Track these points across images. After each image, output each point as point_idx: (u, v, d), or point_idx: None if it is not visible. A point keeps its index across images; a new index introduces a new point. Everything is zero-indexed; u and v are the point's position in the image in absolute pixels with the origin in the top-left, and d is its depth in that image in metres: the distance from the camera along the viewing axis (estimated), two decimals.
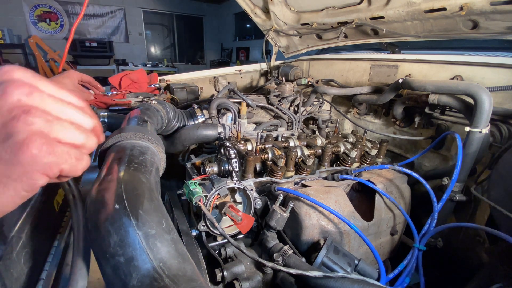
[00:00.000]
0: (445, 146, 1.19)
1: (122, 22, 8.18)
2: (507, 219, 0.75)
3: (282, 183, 0.88)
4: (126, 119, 0.94)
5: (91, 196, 0.43)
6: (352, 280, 0.55)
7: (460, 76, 1.16)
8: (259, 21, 2.05)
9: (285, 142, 1.10)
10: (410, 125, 1.37)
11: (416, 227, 0.83)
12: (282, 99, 1.62)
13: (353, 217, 0.84)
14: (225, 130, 1.19)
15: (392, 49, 1.66)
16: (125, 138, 0.65)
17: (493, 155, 0.94)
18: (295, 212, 0.79)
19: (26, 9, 6.79)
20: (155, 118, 1.05)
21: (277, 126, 1.47)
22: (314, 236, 0.78)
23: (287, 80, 1.91)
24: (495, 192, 0.85)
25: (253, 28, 8.15)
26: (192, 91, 1.75)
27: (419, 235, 0.83)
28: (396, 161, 1.08)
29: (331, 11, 1.62)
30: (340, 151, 1.07)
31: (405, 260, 0.78)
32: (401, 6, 1.28)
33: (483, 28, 1.14)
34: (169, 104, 1.24)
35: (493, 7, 1.02)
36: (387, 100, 1.32)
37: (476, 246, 1.00)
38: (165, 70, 7.76)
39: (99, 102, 1.52)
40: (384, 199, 0.91)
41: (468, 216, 1.06)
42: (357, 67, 1.63)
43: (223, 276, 0.70)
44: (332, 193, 0.85)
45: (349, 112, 1.71)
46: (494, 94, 0.97)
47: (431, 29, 1.30)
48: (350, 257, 0.70)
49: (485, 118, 0.89)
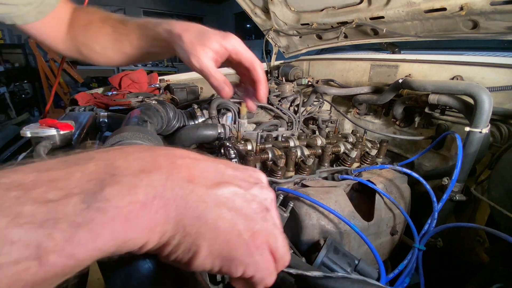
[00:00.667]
0: (445, 146, 1.19)
1: None
2: (507, 219, 0.75)
3: (282, 183, 0.88)
4: (126, 119, 0.94)
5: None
6: (352, 280, 0.55)
7: (460, 76, 1.16)
8: (259, 21, 2.05)
9: (285, 142, 1.10)
10: (410, 125, 1.37)
11: (416, 227, 0.83)
12: (282, 99, 1.62)
13: (353, 217, 0.84)
14: (225, 130, 1.19)
15: (392, 49, 1.65)
16: (125, 138, 0.65)
17: (493, 155, 0.94)
18: (295, 212, 0.79)
19: None
20: (155, 118, 1.05)
21: (277, 126, 1.47)
22: (314, 236, 0.78)
23: (287, 80, 1.91)
24: (495, 192, 0.85)
25: (253, 28, 8.14)
26: (192, 91, 1.75)
27: (419, 235, 0.83)
28: (396, 161, 1.07)
29: (331, 11, 1.62)
30: (340, 151, 1.07)
31: (405, 260, 0.78)
32: (401, 6, 1.28)
33: (483, 28, 1.14)
34: (169, 104, 1.24)
35: (493, 7, 1.02)
36: (387, 100, 1.32)
37: (476, 246, 1.00)
38: (165, 70, 7.75)
39: (99, 102, 1.52)
40: (384, 199, 0.91)
41: (468, 216, 1.06)
42: (357, 67, 1.63)
43: (223, 276, 0.70)
44: (332, 193, 0.85)
45: (349, 112, 1.71)
46: (494, 94, 0.97)
47: (431, 29, 1.30)
48: (350, 257, 0.70)
49: (485, 118, 0.89)
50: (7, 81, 5.40)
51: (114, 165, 0.23)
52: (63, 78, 5.97)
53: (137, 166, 0.24)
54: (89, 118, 1.10)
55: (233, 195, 0.28)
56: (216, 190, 0.27)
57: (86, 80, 6.56)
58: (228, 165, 0.32)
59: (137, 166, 0.24)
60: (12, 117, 5.12)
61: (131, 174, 0.23)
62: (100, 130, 1.22)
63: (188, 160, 0.28)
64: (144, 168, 0.24)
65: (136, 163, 0.24)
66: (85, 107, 1.38)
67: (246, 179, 0.31)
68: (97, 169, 0.23)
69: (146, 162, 0.25)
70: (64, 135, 0.75)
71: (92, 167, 0.23)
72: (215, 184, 0.27)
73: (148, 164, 0.25)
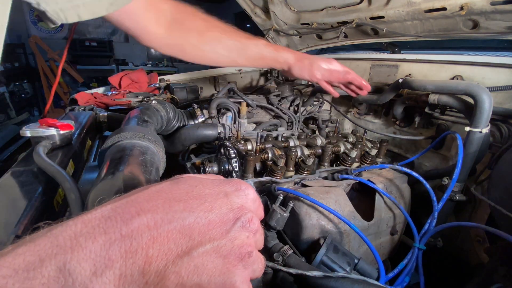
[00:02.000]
0: (445, 146, 1.19)
1: None
2: (507, 219, 0.75)
3: (282, 183, 0.88)
4: (126, 119, 0.94)
5: (91, 196, 0.43)
6: (352, 280, 0.55)
7: (460, 76, 1.16)
8: (259, 21, 2.05)
9: (285, 142, 1.10)
10: (410, 125, 1.37)
11: (416, 227, 0.83)
12: (282, 99, 1.62)
13: (353, 217, 0.84)
14: (225, 130, 1.19)
15: (392, 49, 1.65)
16: (125, 138, 0.65)
17: (493, 155, 0.94)
18: (295, 212, 0.79)
19: (26, 9, 6.77)
20: (155, 118, 1.05)
21: (277, 126, 1.47)
22: (314, 236, 0.78)
23: (287, 80, 1.91)
24: (495, 192, 0.85)
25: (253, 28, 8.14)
26: (192, 90, 1.75)
27: (419, 234, 0.83)
28: (396, 161, 1.07)
29: (331, 11, 1.62)
30: (340, 151, 1.07)
31: (405, 260, 0.78)
32: (401, 6, 1.28)
33: (483, 28, 1.14)
34: (169, 104, 1.24)
35: (493, 7, 1.02)
36: (387, 100, 1.32)
37: (476, 246, 1.00)
38: (165, 69, 7.75)
39: (99, 102, 1.52)
40: (384, 199, 0.91)
41: (468, 216, 1.06)
42: (357, 67, 1.63)
43: None
44: (332, 193, 0.85)
45: (349, 112, 1.71)
46: (494, 94, 0.97)
47: (431, 29, 1.30)
48: (350, 256, 0.70)
49: (485, 118, 0.89)
50: (7, 80, 5.40)
51: (66, 273, 0.21)
52: (63, 78, 5.98)
53: (88, 268, 0.22)
54: (89, 118, 1.10)
55: (204, 258, 0.25)
56: (180, 264, 0.24)
57: (86, 80, 6.56)
58: (202, 204, 0.28)
59: (89, 268, 0.22)
60: (12, 117, 5.12)
61: (83, 283, 0.21)
62: (100, 130, 1.22)
63: (145, 233, 0.24)
64: (96, 269, 0.22)
65: (88, 264, 0.22)
66: (85, 107, 1.38)
67: (223, 219, 0.28)
68: (47, 282, 0.21)
69: (98, 259, 0.22)
70: (64, 135, 0.75)
71: (42, 279, 0.21)
72: (178, 256, 0.24)
73: (100, 261, 0.22)
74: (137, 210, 0.26)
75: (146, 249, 0.24)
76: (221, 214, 0.28)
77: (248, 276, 0.28)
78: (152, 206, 0.26)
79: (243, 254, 0.27)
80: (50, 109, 1.30)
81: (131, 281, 0.23)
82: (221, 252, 0.26)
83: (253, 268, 0.28)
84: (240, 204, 0.30)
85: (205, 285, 0.24)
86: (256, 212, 0.33)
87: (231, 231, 0.27)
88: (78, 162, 0.82)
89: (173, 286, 0.24)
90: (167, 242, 0.25)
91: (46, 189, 0.59)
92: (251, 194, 0.33)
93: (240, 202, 0.30)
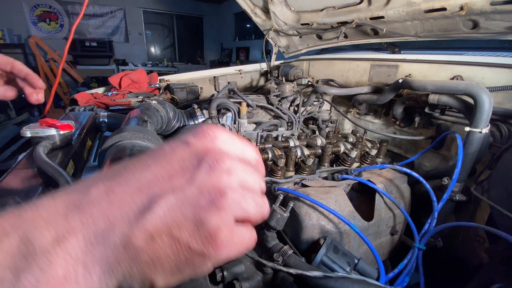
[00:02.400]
0: (445, 146, 1.19)
1: (122, 22, 8.17)
2: (507, 219, 0.75)
3: (282, 183, 0.88)
4: (126, 119, 0.94)
5: None
6: (352, 280, 0.55)
7: (460, 76, 1.16)
8: (259, 21, 2.05)
9: (285, 142, 1.10)
10: (410, 125, 1.37)
11: (416, 227, 0.83)
12: (282, 99, 1.62)
13: (353, 217, 0.84)
14: None
15: (392, 49, 1.66)
16: (125, 138, 0.65)
17: (493, 155, 0.94)
18: (295, 212, 0.79)
19: (26, 9, 6.79)
20: (155, 118, 1.05)
21: (277, 126, 1.47)
22: (314, 236, 0.78)
23: (287, 80, 1.91)
24: (495, 192, 0.85)
25: (253, 28, 8.14)
26: (192, 91, 1.75)
27: (419, 234, 0.83)
28: (396, 161, 1.08)
29: (331, 11, 1.62)
30: (340, 151, 1.07)
31: (405, 260, 0.78)
32: (401, 6, 1.28)
33: (483, 28, 1.14)
34: (169, 104, 1.24)
35: (493, 7, 1.02)
36: (387, 100, 1.32)
37: (476, 246, 1.00)
38: (165, 70, 7.75)
39: (99, 102, 1.52)
40: (384, 199, 0.91)
41: (468, 216, 1.06)
42: (357, 67, 1.63)
43: (223, 276, 0.70)
44: (332, 193, 0.85)
45: (349, 112, 1.71)
46: (494, 94, 0.97)
47: (431, 29, 1.30)
48: (350, 257, 0.70)
49: (485, 118, 0.89)
50: None
51: (28, 241, 0.22)
52: (63, 78, 5.99)
53: (49, 237, 0.22)
54: (89, 118, 1.10)
55: (167, 212, 0.24)
56: (143, 221, 0.24)
57: (86, 80, 6.56)
58: (161, 158, 0.27)
59: (50, 237, 0.22)
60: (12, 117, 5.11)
61: (45, 250, 0.22)
62: (100, 130, 1.22)
63: (103, 198, 0.25)
64: (58, 236, 0.22)
65: (49, 233, 0.22)
66: (85, 107, 1.38)
67: (184, 165, 0.27)
68: (11, 251, 0.21)
69: (59, 227, 0.23)
70: (64, 135, 0.75)
71: (6, 248, 0.21)
72: (140, 213, 0.24)
73: (61, 228, 0.23)
74: (96, 180, 0.26)
75: (107, 213, 0.24)
76: (182, 161, 0.27)
77: (232, 217, 0.26)
78: (111, 174, 0.27)
79: (213, 196, 0.25)
80: (50, 109, 1.30)
81: (98, 245, 0.23)
82: (189, 200, 0.25)
83: (241, 207, 0.26)
84: (204, 147, 0.28)
85: (178, 235, 0.24)
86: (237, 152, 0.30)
87: (197, 177, 0.26)
88: (78, 162, 0.82)
89: (142, 243, 0.23)
90: (126, 203, 0.25)
91: (46, 189, 0.59)
92: (221, 136, 0.30)
93: (204, 145, 0.28)
